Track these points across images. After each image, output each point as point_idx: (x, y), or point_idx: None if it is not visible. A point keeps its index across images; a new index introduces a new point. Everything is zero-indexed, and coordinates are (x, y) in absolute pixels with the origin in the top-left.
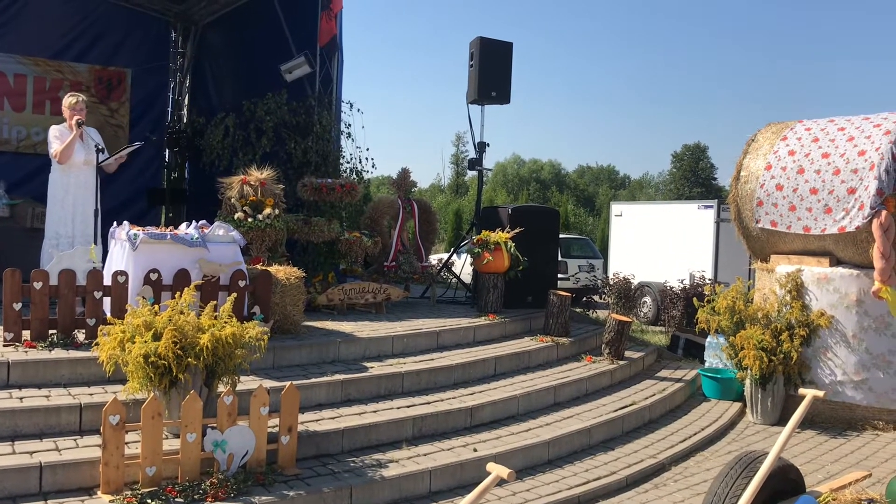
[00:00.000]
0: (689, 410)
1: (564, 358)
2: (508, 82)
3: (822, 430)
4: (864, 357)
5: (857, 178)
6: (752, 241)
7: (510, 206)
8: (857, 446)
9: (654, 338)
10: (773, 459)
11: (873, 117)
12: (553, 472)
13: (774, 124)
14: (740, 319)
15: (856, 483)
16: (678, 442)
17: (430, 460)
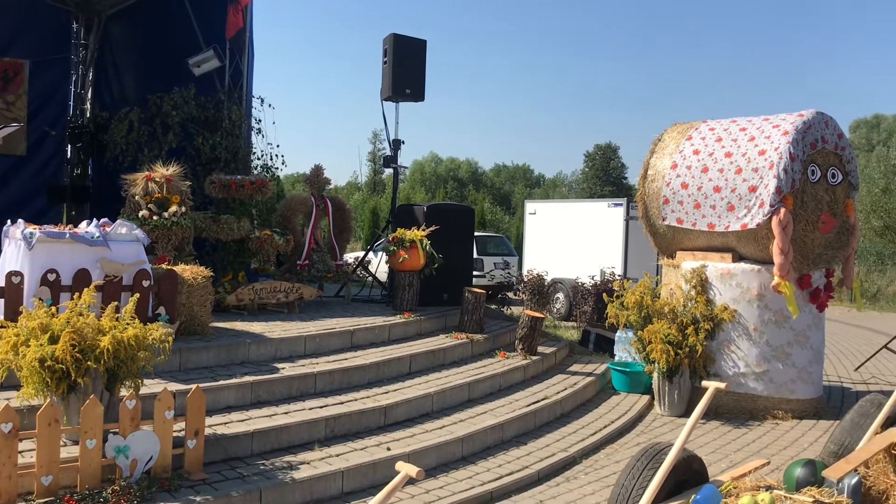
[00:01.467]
0: (599, 404)
1: (479, 354)
2: (423, 80)
3: (727, 421)
4: (764, 349)
5: (758, 176)
6: (658, 237)
7: (426, 204)
8: (758, 435)
9: (567, 333)
10: (678, 451)
11: (772, 118)
12: (467, 468)
13: (680, 124)
14: (648, 314)
15: (755, 471)
16: (589, 435)
17: (343, 461)
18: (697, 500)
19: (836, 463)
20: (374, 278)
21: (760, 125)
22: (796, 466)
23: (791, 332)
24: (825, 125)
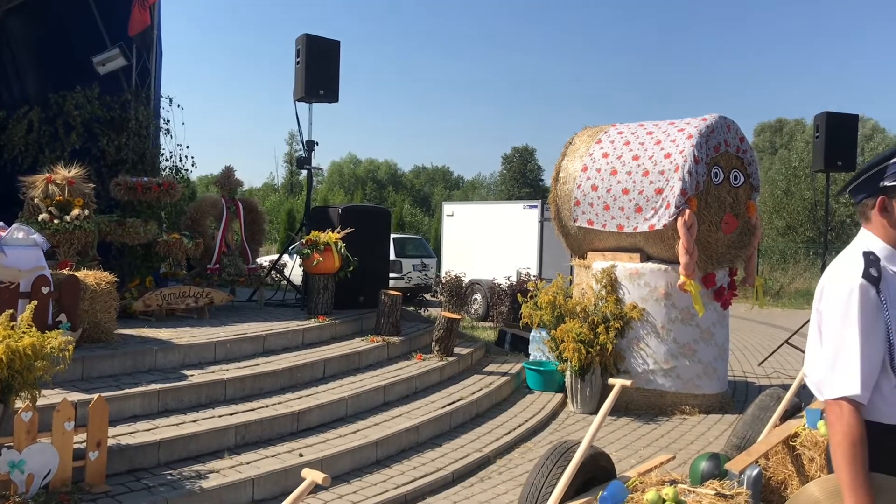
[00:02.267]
0: (514, 403)
1: (395, 357)
2: (337, 81)
3: (637, 417)
4: (672, 346)
5: (664, 179)
6: (570, 238)
7: (340, 206)
8: (666, 430)
9: (484, 334)
10: (585, 448)
11: (678, 122)
12: (381, 472)
13: (590, 128)
14: (561, 314)
15: (661, 466)
16: (503, 435)
17: (254, 468)
18: (604, 497)
19: (738, 456)
20: (287, 282)
21: (666, 129)
22: (701, 460)
23: (697, 329)
24: (727, 129)
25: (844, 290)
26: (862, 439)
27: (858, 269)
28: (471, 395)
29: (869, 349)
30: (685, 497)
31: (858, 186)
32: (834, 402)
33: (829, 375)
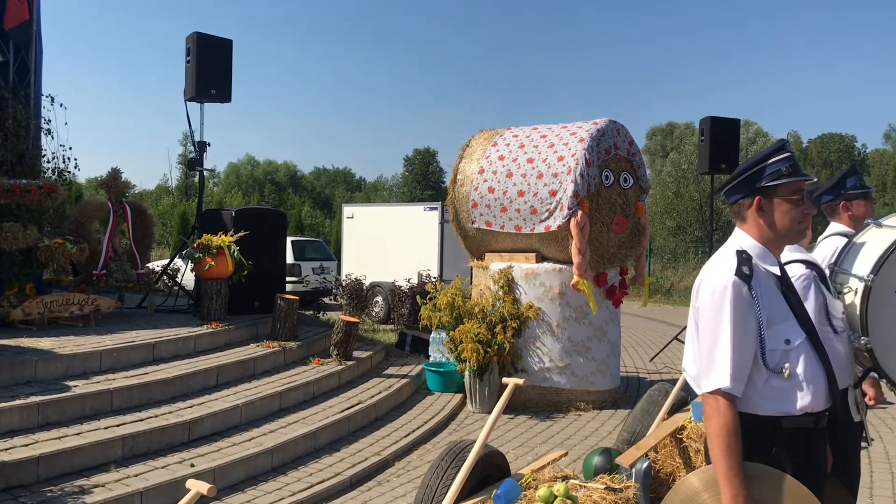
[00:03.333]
0: (414, 405)
1: (292, 362)
2: (229, 80)
3: (534, 415)
4: (566, 344)
5: (558, 181)
6: (469, 240)
7: (234, 209)
8: (562, 427)
9: (385, 336)
10: (479, 448)
11: (570, 126)
12: (277, 479)
13: (486, 131)
14: (459, 315)
15: (554, 462)
16: (402, 437)
17: (142, 481)
18: (498, 495)
19: (629, 450)
20: (179, 287)
21: (559, 132)
22: (594, 455)
23: (590, 327)
24: (617, 133)
25: (718, 288)
26: (736, 431)
27: (731, 267)
28: (370, 398)
29: (741, 344)
30: (576, 492)
31: (735, 187)
32: (710, 395)
33: (705, 370)
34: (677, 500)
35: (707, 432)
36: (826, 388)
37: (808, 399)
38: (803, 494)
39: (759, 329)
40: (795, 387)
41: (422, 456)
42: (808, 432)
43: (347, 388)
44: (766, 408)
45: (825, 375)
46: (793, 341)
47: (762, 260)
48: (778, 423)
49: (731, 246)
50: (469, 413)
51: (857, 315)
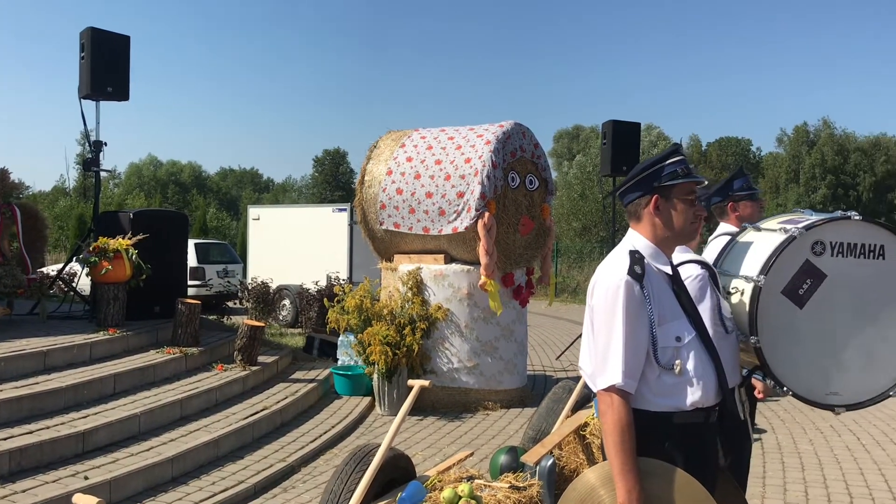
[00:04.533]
0: (321, 409)
1: (195, 368)
2: (126, 77)
3: (442, 416)
4: (475, 345)
5: (465, 183)
6: (377, 242)
7: (132, 211)
8: (470, 427)
9: (292, 340)
10: (384, 451)
11: (477, 128)
12: (177, 490)
13: (394, 132)
14: (368, 317)
15: (459, 463)
16: (309, 442)
17: (31, 496)
18: (402, 498)
19: (534, 448)
20: (74, 292)
21: (466, 134)
22: (500, 454)
23: (498, 327)
24: (523, 135)
25: (612, 287)
26: (630, 426)
27: (624, 266)
28: (275, 403)
29: (634, 342)
30: (481, 492)
31: (632, 187)
32: (604, 392)
33: (599, 367)
34: (575, 497)
35: (602, 429)
36: (716, 384)
37: (698, 394)
38: (694, 487)
39: (651, 327)
40: (686, 383)
41: (328, 461)
42: (698, 427)
43: (252, 394)
44: (659, 403)
45: (715, 371)
46: (683, 338)
47: (654, 259)
48: (670, 419)
49: (624, 246)
50: (378, 416)
51: (746, 315)
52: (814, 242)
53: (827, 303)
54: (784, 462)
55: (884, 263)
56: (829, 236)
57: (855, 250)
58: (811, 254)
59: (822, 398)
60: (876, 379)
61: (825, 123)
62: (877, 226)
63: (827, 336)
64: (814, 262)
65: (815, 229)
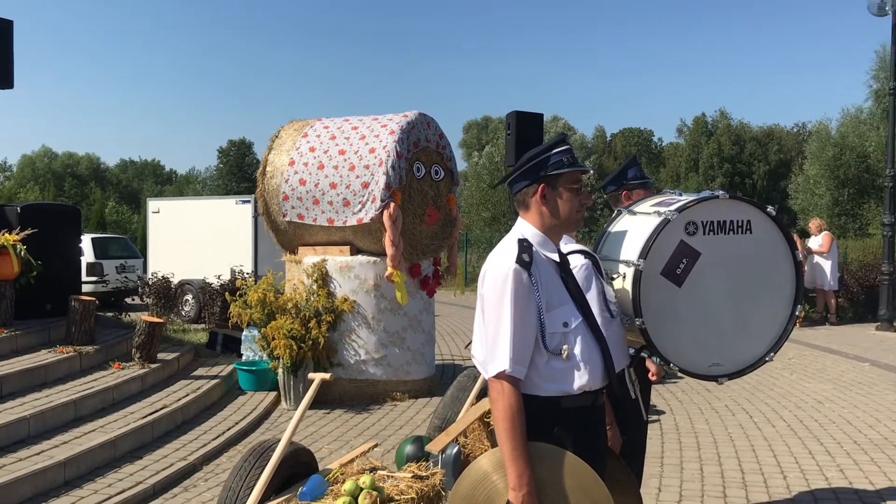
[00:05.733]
0: (225, 406)
1: (90, 368)
2: (10, 64)
3: (350, 408)
4: (382, 336)
5: (370, 173)
6: (280, 234)
7: (19, 205)
8: (378, 418)
9: (195, 336)
10: (284, 446)
11: (381, 118)
12: (70, 493)
13: (297, 122)
14: (272, 311)
15: (363, 455)
16: (212, 440)
17: None
18: (303, 493)
19: (439, 436)
20: None
21: (370, 124)
22: (406, 444)
23: (405, 317)
24: (427, 125)
25: (500, 275)
26: (520, 412)
27: (513, 254)
28: (176, 401)
29: (523, 329)
30: (383, 483)
31: (520, 176)
32: (495, 379)
33: (490, 355)
34: (468, 483)
35: (493, 415)
36: (602, 367)
37: (585, 378)
38: (583, 470)
39: (539, 314)
40: (574, 367)
41: (232, 458)
42: (586, 410)
43: (152, 393)
44: (547, 388)
45: (601, 355)
46: (570, 324)
47: (542, 247)
48: (558, 403)
49: (513, 235)
50: (284, 411)
51: (630, 298)
52: (687, 223)
53: (703, 279)
54: (681, 442)
55: (752, 237)
56: (700, 216)
57: (725, 227)
58: (685, 234)
59: (706, 370)
60: (753, 346)
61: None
62: (742, 202)
63: (706, 311)
64: (688, 242)
65: (687, 210)
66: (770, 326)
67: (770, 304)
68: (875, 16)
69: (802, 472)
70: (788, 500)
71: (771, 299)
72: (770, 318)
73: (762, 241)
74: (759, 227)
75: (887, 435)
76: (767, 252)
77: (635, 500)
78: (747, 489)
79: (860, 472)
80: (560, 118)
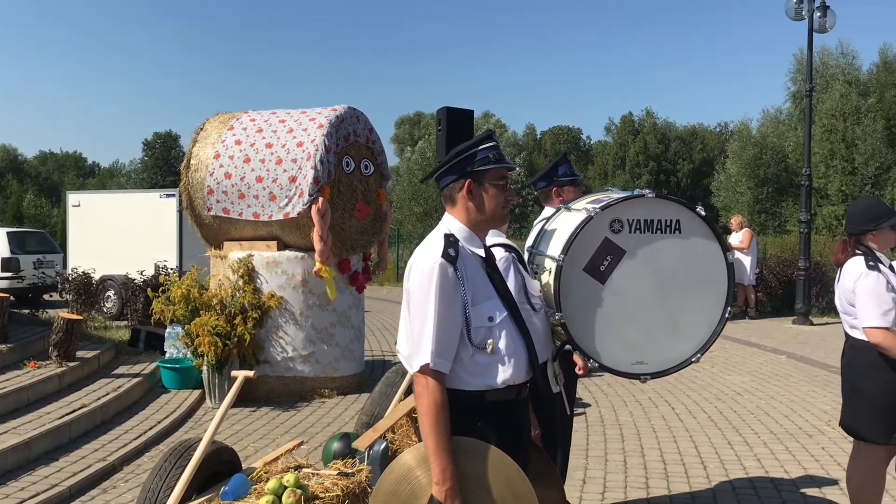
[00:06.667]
0: (147, 405)
1: (3, 367)
2: None
3: (277, 406)
4: (310, 332)
5: (297, 167)
6: (205, 228)
7: None
8: (305, 416)
9: (117, 333)
10: (206, 444)
11: (309, 111)
12: None
13: (222, 114)
14: (196, 307)
15: (288, 453)
16: (132, 440)
17: None
18: (226, 492)
19: (366, 433)
20: None
21: (298, 118)
22: (333, 441)
23: (334, 314)
24: (357, 120)
25: (426, 270)
26: (444, 407)
27: (438, 249)
28: (95, 401)
29: (448, 323)
30: (308, 480)
31: (447, 171)
32: (419, 374)
33: (415, 349)
34: (392, 478)
35: (417, 410)
36: (527, 361)
37: (509, 372)
38: (506, 463)
39: (464, 308)
40: (498, 361)
41: (153, 458)
42: (510, 404)
43: (70, 392)
44: (472, 383)
45: (526, 348)
46: (496, 318)
47: (468, 242)
48: (482, 397)
49: (439, 230)
50: (208, 409)
51: (552, 293)
52: (612, 221)
53: (629, 277)
54: (606, 433)
55: (680, 237)
56: (627, 214)
57: (652, 226)
58: (610, 232)
59: (629, 368)
60: (679, 347)
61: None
62: (671, 201)
63: (631, 309)
64: (612, 240)
65: (612, 208)
66: (699, 328)
67: (699, 305)
68: (793, 20)
69: (722, 462)
70: (708, 490)
71: (700, 300)
72: (699, 320)
73: (692, 242)
74: (689, 228)
75: (801, 425)
76: (697, 253)
77: (558, 493)
78: (669, 480)
79: (776, 462)
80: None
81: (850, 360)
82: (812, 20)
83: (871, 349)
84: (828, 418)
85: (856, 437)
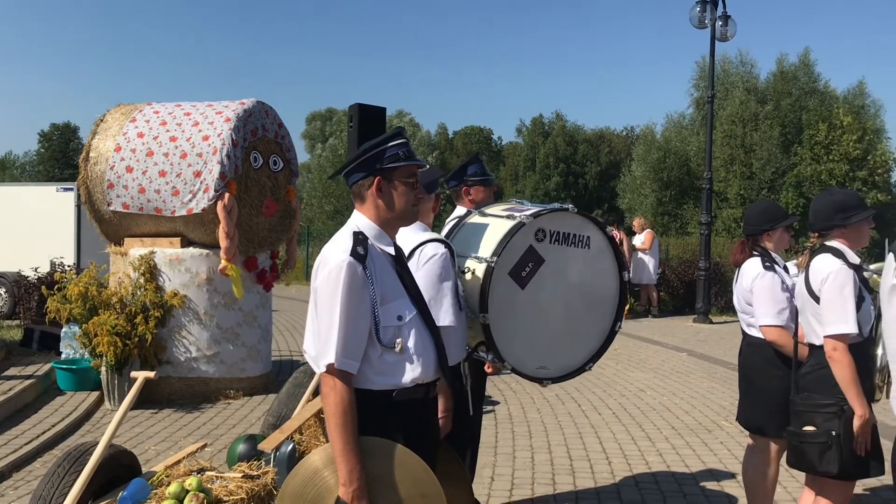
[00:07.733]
0: (40, 408)
1: None
2: None
3: (180, 408)
4: (215, 332)
5: (203, 162)
6: (105, 224)
7: None
8: (209, 417)
9: (9, 333)
10: (103, 448)
11: (216, 104)
12: None
13: (124, 105)
14: (94, 305)
15: (191, 455)
16: (23, 445)
17: None
18: (124, 497)
19: (272, 434)
20: None
21: (204, 111)
22: (238, 443)
23: (240, 313)
24: (266, 114)
25: (334, 268)
26: (351, 407)
27: (347, 247)
28: None
29: (356, 322)
30: (211, 484)
31: (356, 168)
32: (326, 374)
33: (322, 349)
34: (299, 480)
35: (324, 411)
36: (435, 360)
37: (418, 371)
38: (414, 462)
39: (373, 307)
40: (406, 360)
41: (47, 463)
42: (419, 403)
43: None
44: (380, 382)
45: (434, 347)
46: (405, 317)
47: (378, 240)
48: (390, 397)
49: (348, 227)
50: (107, 412)
51: (478, 294)
52: (537, 230)
53: (543, 284)
54: (514, 431)
55: (589, 252)
56: (550, 225)
57: (568, 239)
58: (534, 240)
59: (533, 371)
60: (577, 354)
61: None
62: (586, 219)
63: (541, 315)
64: (535, 248)
65: (540, 218)
66: (593, 337)
67: (595, 316)
68: (696, 28)
69: (626, 457)
70: (613, 485)
71: (596, 312)
72: (594, 330)
73: (597, 258)
74: (597, 245)
75: (701, 420)
76: (599, 268)
77: (466, 491)
78: (575, 475)
79: (677, 456)
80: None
81: (748, 357)
82: (714, 29)
83: (768, 346)
84: (726, 413)
85: (752, 432)
